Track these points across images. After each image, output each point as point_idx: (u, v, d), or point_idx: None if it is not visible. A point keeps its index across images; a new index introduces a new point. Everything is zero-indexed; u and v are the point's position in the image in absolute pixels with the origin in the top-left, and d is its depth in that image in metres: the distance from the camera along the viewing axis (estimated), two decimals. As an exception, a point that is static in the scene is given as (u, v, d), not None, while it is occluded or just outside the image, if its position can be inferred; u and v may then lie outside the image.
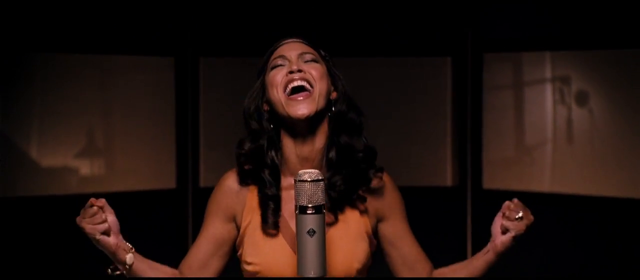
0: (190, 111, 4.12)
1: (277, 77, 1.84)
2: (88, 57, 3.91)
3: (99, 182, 3.97)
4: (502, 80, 4.12)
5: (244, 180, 1.89)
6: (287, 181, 1.87)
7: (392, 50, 4.28)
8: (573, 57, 3.91)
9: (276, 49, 1.92)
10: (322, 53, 1.95)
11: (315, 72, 1.84)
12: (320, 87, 1.83)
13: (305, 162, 1.86)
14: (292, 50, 1.88)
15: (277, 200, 1.84)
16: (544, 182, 4.00)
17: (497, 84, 4.12)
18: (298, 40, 1.93)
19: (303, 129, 1.84)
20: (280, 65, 1.86)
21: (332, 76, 1.91)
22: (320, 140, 1.86)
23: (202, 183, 4.15)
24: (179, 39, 4.12)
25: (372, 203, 1.90)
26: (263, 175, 1.86)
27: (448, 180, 4.28)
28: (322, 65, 1.88)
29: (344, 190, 1.83)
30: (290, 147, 1.87)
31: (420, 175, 4.25)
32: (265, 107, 1.90)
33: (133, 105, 4.04)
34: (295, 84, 1.82)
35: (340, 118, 1.87)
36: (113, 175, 4.03)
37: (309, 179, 1.58)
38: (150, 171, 4.08)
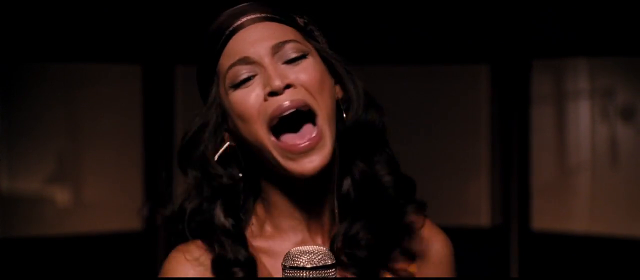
0: (162, 131, 3.90)
1: (249, 104, 1.26)
2: (47, 65, 3.78)
3: (65, 219, 3.83)
4: (539, 92, 3.97)
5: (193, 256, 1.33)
6: (266, 243, 1.34)
7: (415, 57, 4.04)
8: (617, 65, 3.80)
9: (225, 40, 1.31)
10: (300, 21, 1.36)
11: (308, 77, 1.27)
12: (325, 104, 1.27)
13: (308, 223, 1.33)
14: (257, 44, 1.29)
15: (250, 265, 1.29)
16: (580, 219, 3.87)
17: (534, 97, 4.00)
18: (256, 13, 1.32)
19: (308, 181, 1.28)
20: (247, 78, 1.28)
21: (328, 63, 1.34)
22: (328, 174, 1.29)
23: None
24: (148, 43, 3.89)
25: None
26: (216, 248, 1.31)
27: (484, 219, 4.01)
28: (314, 55, 1.31)
29: (375, 244, 1.30)
30: (281, 203, 1.32)
31: (449, 212, 3.98)
32: (229, 142, 1.34)
33: (99, 124, 3.87)
34: (288, 112, 1.25)
35: (355, 131, 1.32)
36: (79, 210, 3.88)
37: (308, 266, 1.02)
38: (116, 207, 3.87)
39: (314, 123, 1.25)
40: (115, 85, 3.87)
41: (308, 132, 1.25)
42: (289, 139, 1.25)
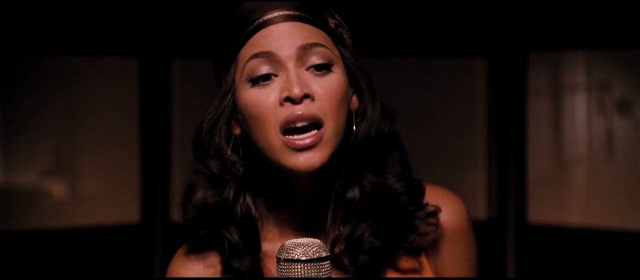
0: (158, 125, 3.87)
1: (265, 108, 1.24)
2: (43, 59, 3.75)
3: (62, 213, 3.81)
4: (536, 85, 3.95)
5: (201, 256, 1.33)
6: (269, 245, 1.33)
7: (412, 49, 3.98)
8: (613, 58, 3.78)
9: (252, 31, 1.26)
10: (332, 23, 1.31)
11: (327, 93, 1.25)
12: (337, 120, 1.26)
13: (306, 223, 1.32)
14: (284, 42, 1.24)
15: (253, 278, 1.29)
16: (576, 212, 3.86)
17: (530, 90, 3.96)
18: (289, 10, 1.27)
19: (306, 179, 1.28)
20: (266, 75, 1.24)
21: (350, 73, 1.31)
22: (331, 181, 1.30)
23: (176, 215, 3.66)
24: (144, 37, 3.85)
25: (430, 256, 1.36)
26: (229, 237, 1.29)
27: (480, 212, 3.95)
28: (339, 68, 1.28)
29: (379, 247, 1.29)
30: (283, 202, 1.32)
31: None
32: (236, 131, 1.31)
33: (95, 118, 3.85)
34: (299, 123, 1.23)
35: (364, 146, 1.30)
36: (76, 204, 3.86)
37: (303, 258, 1.02)
38: (113, 200, 3.87)
39: (320, 131, 1.24)
40: (111, 79, 3.82)
41: (312, 134, 1.23)
42: (293, 135, 1.23)
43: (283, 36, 1.24)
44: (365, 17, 3.80)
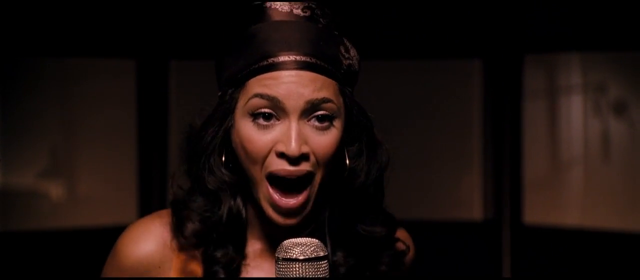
0: (156, 126, 3.87)
1: (258, 148, 1.21)
2: (41, 60, 3.72)
3: (59, 214, 3.80)
4: (532, 86, 3.93)
5: (182, 240, 1.27)
6: (252, 245, 1.30)
7: (408, 51, 3.97)
8: (609, 59, 3.77)
9: (263, 68, 1.21)
10: (346, 63, 1.26)
11: (323, 151, 1.22)
12: (325, 172, 1.24)
13: (283, 234, 1.23)
14: (293, 93, 1.20)
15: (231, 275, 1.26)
16: (572, 213, 3.84)
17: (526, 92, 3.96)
18: (306, 56, 1.21)
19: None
20: (268, 117, 1.21)
21: (352, 120, 1.28)
22: (312, 211, 1.25)
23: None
24: (142, 38, 3.84)
25: None
26: (216, 230, 1.26)
27: (476, 213, 3.97)
28: (340, 120, 1.25)
29: (350, 271, 1.28)
30: (258, 218, 1.29)
31: (442, 206, 3.98)
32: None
33: (93, 119, 3.84)
34: (289, 178, 1.21)
35: (352, 195, 1.29)
36: (73, 205, 3.84)
37: (301, 257, 1.02)
38: (110, 201, 3.84)
39: (306, 185, 1.22)
40: (109, 80, 3.81)
41: (299, 197, 1.22)
42: (278, 192, 1.22)
43: (292, 84, 1.19)
44: (362, 18, 3.86)
